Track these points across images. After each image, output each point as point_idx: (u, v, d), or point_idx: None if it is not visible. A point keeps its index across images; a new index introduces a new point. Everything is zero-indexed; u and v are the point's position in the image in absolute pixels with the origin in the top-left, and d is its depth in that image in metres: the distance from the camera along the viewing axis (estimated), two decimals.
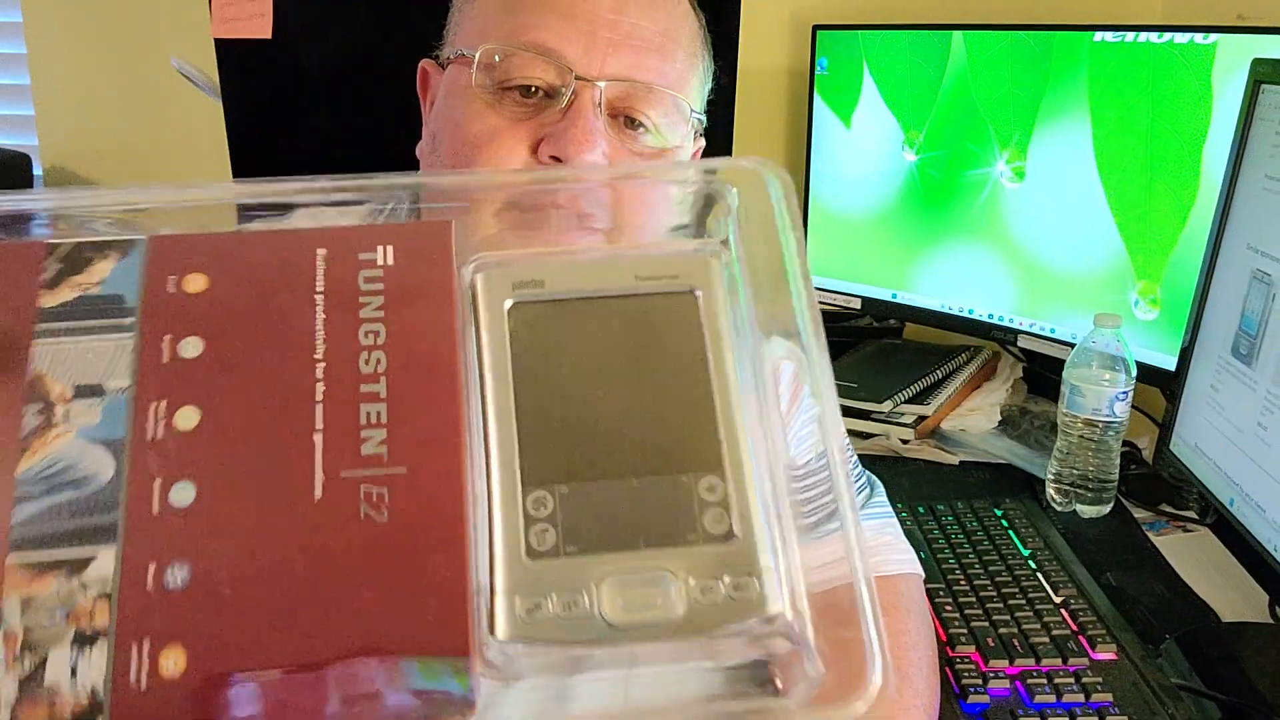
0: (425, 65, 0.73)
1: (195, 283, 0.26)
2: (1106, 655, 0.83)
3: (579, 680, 0.26)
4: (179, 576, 0.23)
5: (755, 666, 0.26)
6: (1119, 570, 0.99)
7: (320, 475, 0.25)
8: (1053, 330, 1.32)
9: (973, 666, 0.81)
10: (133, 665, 0.22)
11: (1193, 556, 1.04)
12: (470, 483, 0.26)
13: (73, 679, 0.22)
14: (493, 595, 0.25)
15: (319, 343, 0.27)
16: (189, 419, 0.25)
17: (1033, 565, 0.96)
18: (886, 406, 1.33)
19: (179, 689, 0.22)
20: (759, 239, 0.30)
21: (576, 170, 0.49)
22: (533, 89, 0.64)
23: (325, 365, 0.26)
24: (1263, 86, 0.92)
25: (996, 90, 1.32)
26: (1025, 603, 0.89)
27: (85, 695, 0.22)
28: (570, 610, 0.25)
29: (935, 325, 1.47)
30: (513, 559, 0.25)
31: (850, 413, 1.30)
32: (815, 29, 1.49)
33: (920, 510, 1.07)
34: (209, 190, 0.29)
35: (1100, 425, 1.06)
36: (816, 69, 1.50)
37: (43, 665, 0.22)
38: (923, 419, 1.31)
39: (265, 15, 1.33)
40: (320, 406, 0.26)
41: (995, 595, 0.91)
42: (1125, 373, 1.05)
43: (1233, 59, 1.09)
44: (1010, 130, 1.32)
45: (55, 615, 0.22)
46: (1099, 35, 1.21)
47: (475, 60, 0.64)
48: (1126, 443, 1.19)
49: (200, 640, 0.23)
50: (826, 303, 1.58)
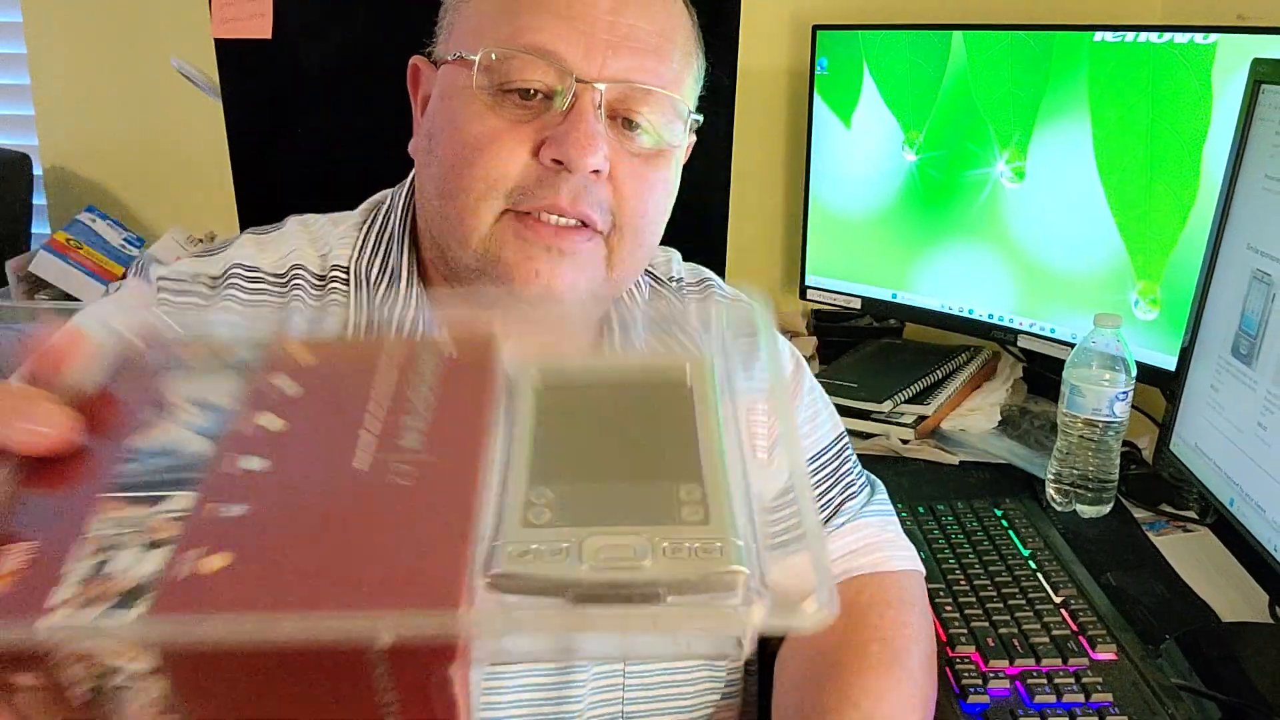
0: (416, 61, 0.73)
1: (306, 358, 0.36)
2: (1106, 655, 0.83)
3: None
4: (237, 510, 0.30)
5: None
6: (1119, 570, 0.99)
7: (362, 454, 0.32)
8: (1053, 330, 1.32)
9: (973, 666, 0.81)
10: (183, 563, 0.29)
11: (1193, 556, 1.04)
12: (485, 474, 0.32)
13: (132, 569, 0.29)
14: (491, 548, 0.30)
15: (385, 387, 0.35)
16: (273, 423, 0.33)
17: (1033, 565, 0.96)
18: (886, 406, 1.33)
19: (212, 581, 0.28)
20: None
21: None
22: (532, 91, 0.64)
23: (389, 401, 0.34)
24: (1263, 86, 0.92)
25: (996, 90, 1.32)
26: (1025, 603, 0.89)
27: (133, 581, 0.28)
28: (554, 557, 0.30)
29: (935, 325, 1.47)
30: (510, 526, 0.31)
31: (850, 413, 1.30)
32: (815, 29, 1.49)
33: (920, 510, 1.07)
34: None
35: (1100, 425, 1.06)
36: (816, 69, 1.50)
37: (109, 560, 0.29)
38: (923, 419, 1.31)
39: (265, 15, 1.33)
40: (369, 416, 0.34)
41: (995, 595, 0.91)
42: (1125, 373, 1.05)
43: (1233, 59, 1.09)
44: (1010, 130, 1.32)
45: (132, 530, 0.30)
46: (1099, 35, 1.21)
47: (475, 63, 0.64)
48: (1126, 443, 1.19)
49: (242, 550, 0.29)
50: (827, 303, 1.58)
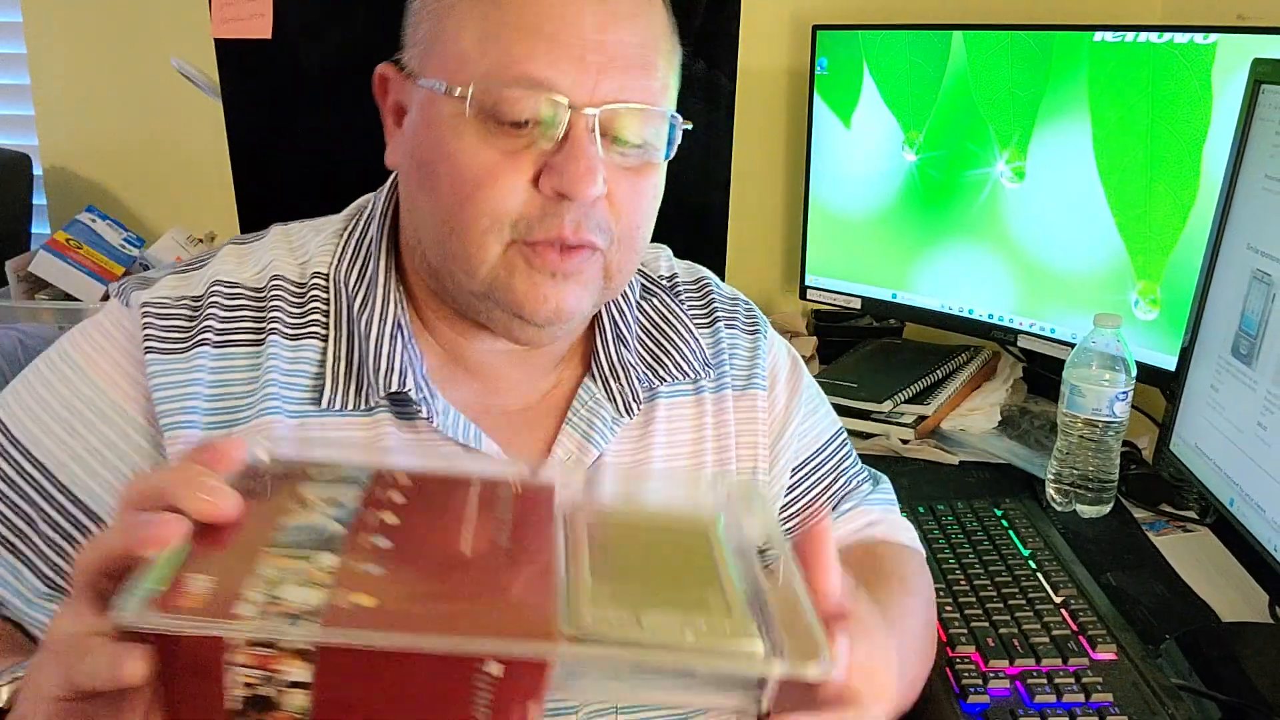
0: (384, 71, 0.70)
1: (403, 479, 0.48)
2: (1106, 655, 0.83)
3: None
4: (376, 570, 0.40)
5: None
6: (1119, 570, 0.99)
7: (465, 544, 0.43)
8: (1053, 330, 1.32)
9: (973, 666, 0.81)
10: (340, 597, 0.38)
11: (1193, 556, 1.04)
12: (559, 568, 0.43)
13: (299, 599, 0.37)
14: (568, 615, 0.40)
15: (473, 505, 0.46)
16: (392, 519, 0.44)
17: (1033, 565, 0.96)
18: (886, 406, 1.33)
19: (367, 612, 0.37)
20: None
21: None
22: (526, 121, 0.62)
23: (476, 514, 0.46)
24: (1263, 86, 0.92)
25: (996, 90, 1.32)
26: (1025, 603, 0.89)
27: (304, 606, 0.37)
28: (618, 625, 0.40)
29: (935, 325, 1.47)
30: (580, 603, 0.41)
31: (850, 413, 1.30)
32: (815, 29, 1.49)
33: (920, 510, 1.07)
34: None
35: (1100, 425, 1.06)
36: (816, 69, 1.50)
37: (281, 592, 0.37)
38: (923, 419, 1.31)
39: (265, 15, 1.33)
40: (466, 520, 0.45)
41: (995, 595, 0.91)
42: (1125, 373, 1.05)
43: (1233, 59, 1.09)
44: (1010, 130, 1.32)
45: (293, 574, 0.39)
46: (1099, 35, 1.21)
47: (465, 95, 0.62)
48: (1126, 443, 1.20)
49: (385, 596, 0.38)
50: (827, 303, 1.58)
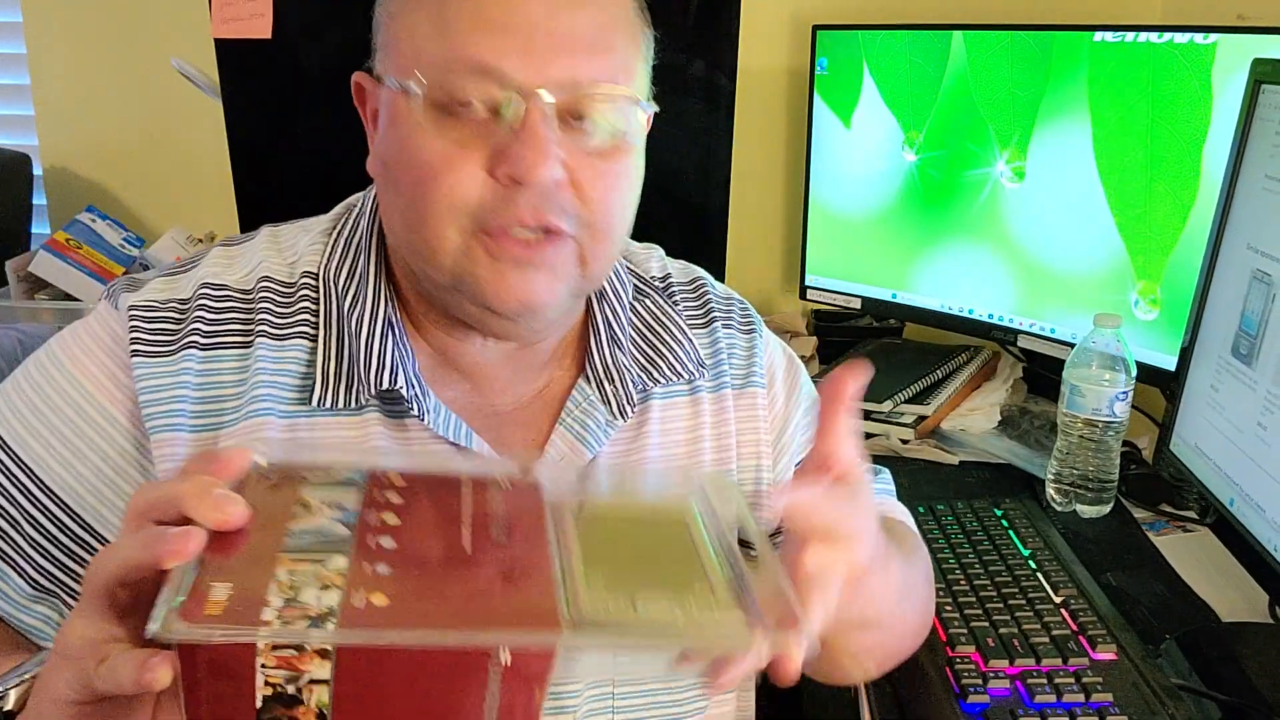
0: (359, 79, 0.70)
1: (397, 479, 0.49)
2: (1106, 655, 0.83)
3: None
4: (385, 569, 0.42)
5: None
6: (1119, 570, 0.99)
7: (465, 540, 0.45)
8: (1053, 330, 1.32)
9: (973, 666, 0.81)
10: (357, 597, 0.40)
11: (1193, 556, 1.04)
12: (555, 558, 0.45)
13: (317, 601, 0.39)
14: (567, 602, 0.43)
15: (467, 502, 0.48)
16: (392, 520, 0.46)
17: (1033, 565, 0.96)
18: (886, 406, 1.33)
19: (381, 610, 0.39)
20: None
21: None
22: (477, 107, 0.62)
23: (471, 510, 0.48)
24: (1263, 86, 0.92)
25: (996, 90, 1.32)
26: (1025, 603, 0.89)
27: (325, 607, 0.39)
28: (615, 609, 0.43)
29: (935, 325, 1.47)
30: (576, 589, 0.43)
31: None
32: (815, 29, 1.49)
33: (920, 510, 1.07)
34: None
35: (1100, 425, 1.06)
36: (816, 69, 1.50)
37: (299, 595, 0.39)
38: (923, 419, 1.31)
39: (265, 15, 1.33)
40: (467, 520, 0.47)
41: (995, 595, 0.91)
42: (1125, 373, 1.05)
43: (1233, 59, 1.09)
44: (1010, 130, 1.32)
45: (308, 577, 0.40)
46: (1099, 35, 1.21)
47: (414, 89, 0.62)
48: (1126, 443, 1.20)
49: (397, 593, 0.40)
50: (827, 303, 1.58)
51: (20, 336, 1.36)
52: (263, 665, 0.38)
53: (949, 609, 0.88)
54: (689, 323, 0.79)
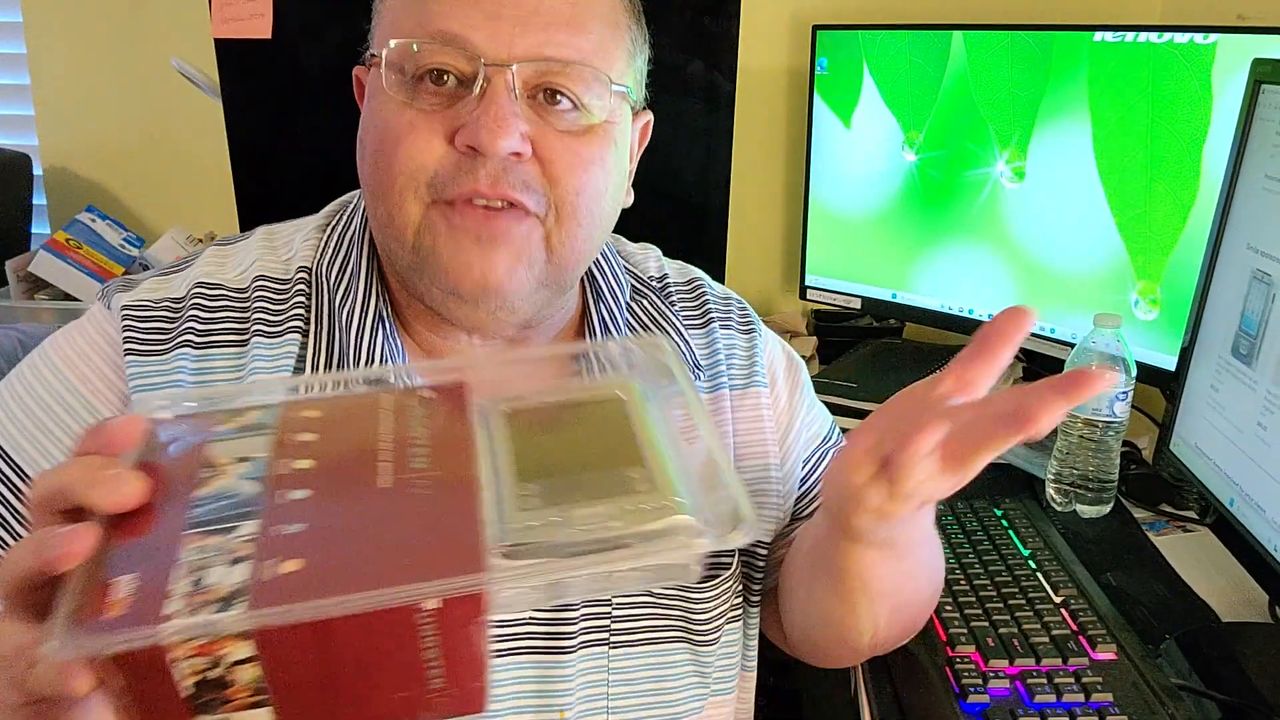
0: (357, 72, 0.71)
1: (311, 413, 0.45)
2: (1106, 655, 0.83)
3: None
4: (297, 528, 0.39)
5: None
6: (1119, 570, 0.99)
7: (383, 477, 0.41)
8: (1053, 330, 1.32)
9: (973, 666, 0.81)
10: (266, 569, 0.37)
11: (1193, 556, 1.04)
12: (481, 478, 0.42)
13: (224, 580, 0.37)
14: (500, 529, 0.41)
15: (387, 428, 0.44)
16: (305, 464, 0.42)
17: (1033, 565, 0.96)
18: None
19: (293, 579, 0.37)
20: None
21: None
22: (444, 76, 0.62)
23: (391, 437, 0.44)
24: (1263, 86, 0.92)
25: (996, 90, 1.32)
26: (1025, 603, 0.89)
27: (232, 586, 0.36)
28: (549, 528, 0.41)
29: (935, 325, 1.47)
30: (511, 512, 0.42)
31: (850, 412, 1.30)
32: (815, 29, 1.49)
33: None
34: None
35: (1100, 425, 1.06)
36: (816, 69, 1.50)
37: (205, 577, 0.37)
38: None
39: (265, 15, 1.33)
40: (381, 449, 0.43)
41: (995, 595, 0.91)
42: (1125, 373, 1.05)
43: (1233, 59, 1.09)
44: (1010, 130, 1.32)
45: (215, 553, 0.38)
46: (1099, 35, 1.21)
47: (384, 59, 0.63)
48: (1126, 443, 1.20)
49: (310, 555, 0.38)
50: (827, 303, 1.58)
51: (20, 336, 1.36)
52: (178, 659, 0.36)
53: (949, 609, 0.88)
54: (685, 324, 0.79)
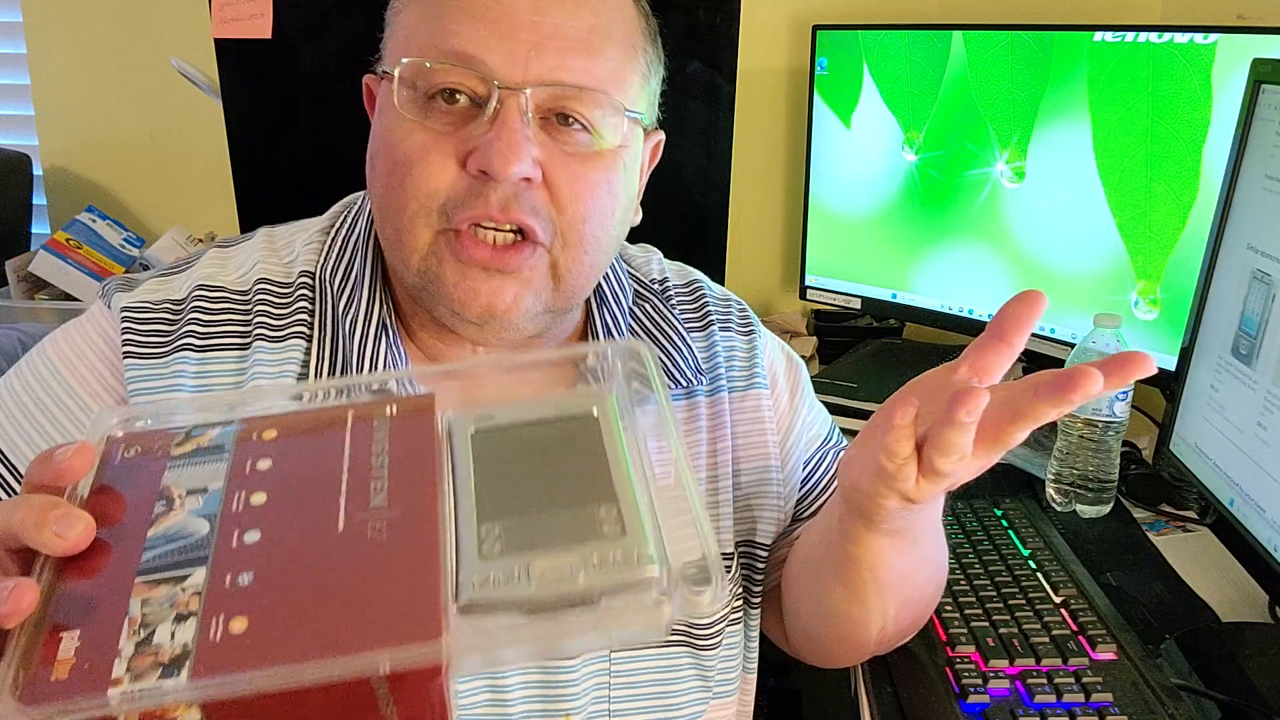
0: (368, 80, 0.71)
1: (269, 434, 0.43)
2: (1106, 655, 0.83)
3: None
4: (246, 579, 0.37)
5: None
6: (1119, 570, 0.99)
7: (340, 517, 0.39)
8: (1053, 330, 1.32)
9: (973, 666, 0.81)
10: (213, 628, 0.35)
11: (1193, 556, 1.04)
12: (442, 519, 0.40)
13: (171, 640, 0.35)
14: (457, 581, 0.38)
15: (346, 455, 0.42)
16: (259, 499, 0.40)
17: (1033, 565, 0.96)
18: None
19: (239, 641, 0.35)
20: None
21: None
22: (456, 96, 0.62)
23: (349, 465, 0.41)
24: (1263, 86, 0.92)
25: (996, 90, 1.32)
26: (1025, 603, 0.89)
27: (179, 647, 0.35)
28: (509, 583, 0.38)
29: (935, 325, 1.47)
30: (469, 560, 0.39)
31: (850, 412, 1.30)
32: (815, 29, 1.49)
33: None
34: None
35: (1100, 425, 1.06)
36: (816, 69, 1.50)
37: (152, 634, 0.35)
38: None
39: (265, 15, 1.33)
40: (344, 484, 0.41)
41: (995, 595, 0.91)
42: None
43: (1233, 59, 1.09)
44: (1010, 130, 1.32)
45: (163, 606, 0.36)
46: (1099, 35, 1.21)
47: (396, 76, 0.62)
48: (1126, 443, 1.19)
49: (257, 613, 0.36)
50: (826, 303, 1.58)
51: (20, 336, 1.36)
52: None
53: (949, 609, 0.88)
54: (686, 327, 0.79)
